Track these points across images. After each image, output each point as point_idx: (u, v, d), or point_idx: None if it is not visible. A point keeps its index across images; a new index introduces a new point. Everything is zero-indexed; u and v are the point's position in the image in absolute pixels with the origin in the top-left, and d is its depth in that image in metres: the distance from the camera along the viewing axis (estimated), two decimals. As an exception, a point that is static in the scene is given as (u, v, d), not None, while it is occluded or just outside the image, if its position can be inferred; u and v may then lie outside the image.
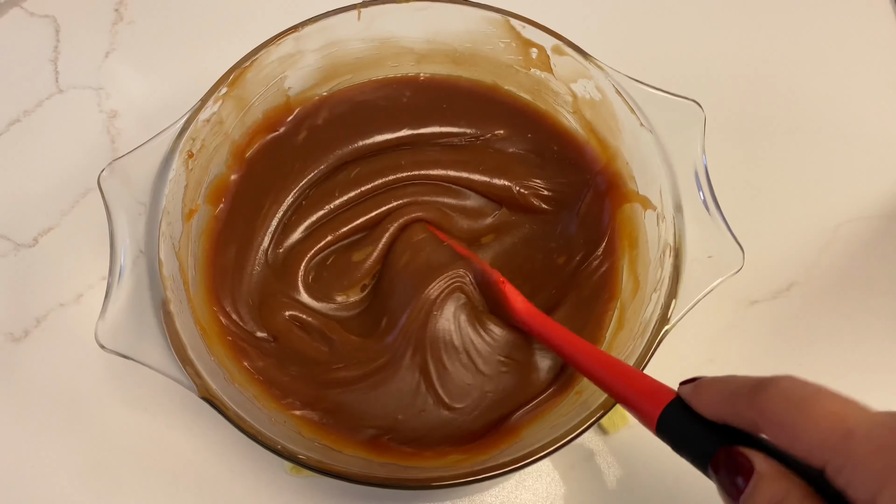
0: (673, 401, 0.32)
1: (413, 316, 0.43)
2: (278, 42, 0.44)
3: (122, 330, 0.38)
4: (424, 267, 0.45)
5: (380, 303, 0.46)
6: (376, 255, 0.47)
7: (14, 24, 0.60)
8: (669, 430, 0.32)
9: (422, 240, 0.46)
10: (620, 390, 0.34)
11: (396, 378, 0.42)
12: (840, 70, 0.59)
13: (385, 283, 0.46)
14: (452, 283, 0.44)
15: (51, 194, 0.53)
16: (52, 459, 0.45)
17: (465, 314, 0.44)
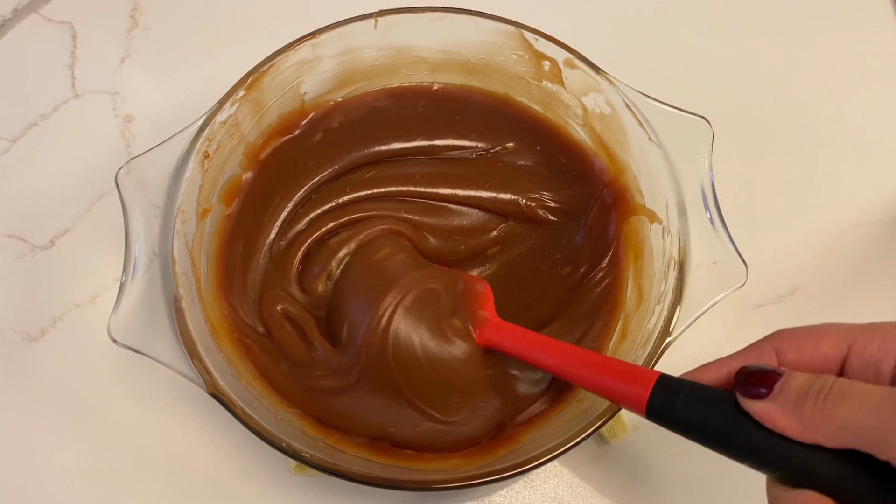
0: (660, 379, 0.34)
1: (370, 334, 0.42)
2: (296, 48, 0.45)
3: (135, 325, 0.39)
4: (390, 272, 0.44)
5: (338, 305, 0.45)
6: (352, 245, 0.46)
7: (32, 31, 0.61)
8: (662, 408, 0.33)
9: (399, 248, 0.46)
10: (602, 383, 0.36)
11: (377, 395, 0.42)
12: (843, 79, 0.60)
13: (347, 281, 0.45)
14: (418, 294, 0.43)
15: (67, 197, 0.54)
16: (65, 456, 0.46)
17: (430, 331, 0.42)
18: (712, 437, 0.32)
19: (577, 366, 0.37)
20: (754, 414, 0.30)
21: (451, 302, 0.43)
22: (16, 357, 0.49)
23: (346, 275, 0.46)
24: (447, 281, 0.44)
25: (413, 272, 0.44)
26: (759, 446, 0.31)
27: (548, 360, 0.39)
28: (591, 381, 0.36)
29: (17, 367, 0.48)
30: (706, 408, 0.32)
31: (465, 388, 0.42)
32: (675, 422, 0.33)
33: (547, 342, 0.40)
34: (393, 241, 0.46)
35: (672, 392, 0.33)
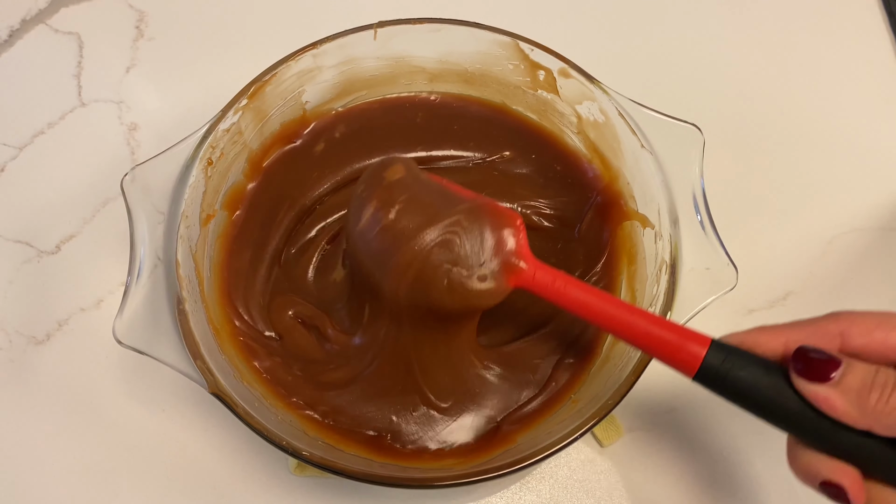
0: (714, 342, 0.34)
1: (392, 301, 0.40)
2: (297, 58, 0.46)
3: (139, 327, 0.40)
4: (407, 230, 0.40)
5: (359, 285, 0.44)
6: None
7: (40, 41, 0.62)
8: (715, 372, 0.34)
9: (400, 181, 0.42)
10: (651, 342, 0.36)
11: (384, 377, 0.43)
12: (833, 86, 0.61)
13: (358, 250, 0.42)
14: (441, 236, 0.39)
15: (73, 203, 0.55)
16: (70, 456, 0.47)
17: (450, 288, 0.39)
18: (759, 406, 0.34)
19: (628, 319, 0.37)
20: (809, 396, 0.32)
21: (474, 250, 0.40)
22: (22, 359, 0.50)
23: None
24: (470, 225, 0.39)
25: (432, 224, 0.39)
26: (807, 424, 0.32)
27: (593, 311, 0.38)
28: (643, 335, 0.36)
29: (23, 370, 0.49)
30: (757, 378, 0.33)
31: (459, 370, 0.43)
32: (724, 388, 0.34)
33: (592, 291, 0.39)
34: (398, 170, 0.42)
35: (726, 357, 0.34)
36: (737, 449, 0.47)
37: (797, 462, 0.34)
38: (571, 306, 0.39)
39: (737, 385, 0.34)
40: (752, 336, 0.35)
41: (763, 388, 0.33)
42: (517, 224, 0.40)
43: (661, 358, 0.36)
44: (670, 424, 0.48)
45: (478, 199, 0.41)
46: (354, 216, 0.41)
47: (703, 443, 0.47)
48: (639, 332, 0.36)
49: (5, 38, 0.62)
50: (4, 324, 0.51)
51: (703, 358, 0.34)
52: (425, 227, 0.39)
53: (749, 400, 0.34)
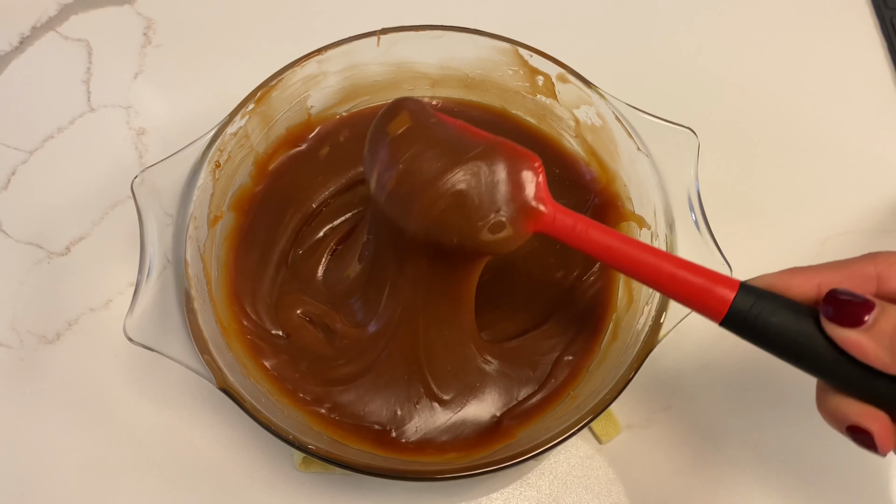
0: (743, 285, 0.33)
1: (401, 276, 0.41)
2: (303, 63, 0.47)
3: (148, 325, 0.41)
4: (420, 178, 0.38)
5: (379, 267, 0.44)
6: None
7: (50, 47, 0.63)
8: (743, 316, 0.33)
9: (406, 133, 0.40)
10: (676, 286, 0.35)
11: (392, 368, 0.44)
12: (827, 90, 0.62)
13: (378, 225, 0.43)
14: (455, 185, 0.37)
15: (82, 206, 0.56)
16: (79, 452, 0.48)
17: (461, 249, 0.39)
18: (788, 352, 0.33)
19: (653, 263, 0.35)
20: (840, 341, 0.31)
21: (491, 195, 0.38)
22: (32, 358, 0.51)
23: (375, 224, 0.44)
24: (486, 169, 0.38)
25: (444, 174, 0.38)
26: (838, 370, 0.32)
27: (615, 255, 0.37)
28: (668, 279, 0.35)
29: (33, 368, 0.50)
30: (788, 324, 0.32)
31: (462, 357, 0.44)
32: (752, 333, 0.33)
33: (614, 235, 0.37)
34: (403, 120, 0.41)
35: (755, 302, 0.33)
36: (733, 445, 0.48)
37: (825, 406, 0.33)
38: (593, 250, 0.37)
39: (766, 330, 0.32)
40: (783, 278, 0.33)
41: (793, 334, 0.32)
42: (535, 166, 0.38)
43: (687, 302, 0.35)
44: (667, 421, 0.49)
45: (494, 141, 0.39)
46: (367, 175, 0.41)
47: (699, 439, 0.48)
48: (664, 275, 0.35)
49: (16, 44, 0.63)
50: (16, 324, 0.52)
51: (732, 302, 0.33)
52: (438, 179, 0.38)
53: (778, 345, 0.33)
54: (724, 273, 0.35)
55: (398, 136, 0.40)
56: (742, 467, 0.48)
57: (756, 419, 0.49)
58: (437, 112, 0.41)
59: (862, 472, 0.47)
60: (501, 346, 0.46)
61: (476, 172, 0.38)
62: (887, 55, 0.63)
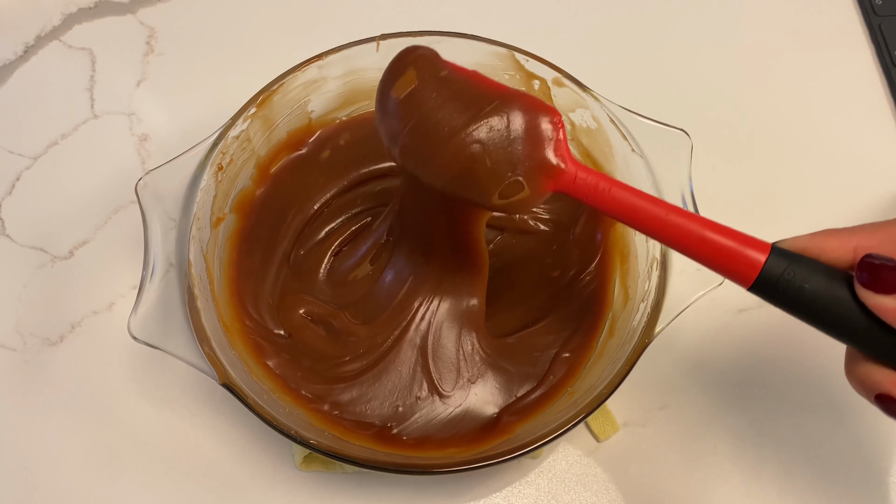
0: (775, 248, 0.32)
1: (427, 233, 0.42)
2: (303, 69, 0.48)
3: (152, 324, 0.41)
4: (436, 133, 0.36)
5: (402, 263, 0.46)
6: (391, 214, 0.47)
7: (54, 56, 0.64)
8: (775, 281, 0.31)
9: (412, 94, 0.37)
10: (703, 248, 0.33)
11: (397, 362, 0.45)
12: (818, 94, 0.63)
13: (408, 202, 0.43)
14: (468, 145, 0.35)
15: (86, 210, 0.57)
16: (82, 453, 0.48)
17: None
18: (820, 319, 0.31)
19: (679, 224, 0.34)
20: (874, 308, 0.29)
21: (507, 153, 0.36)
22: (36, 361, 0.51)
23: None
24: (501, 124, 0.36)
25: (455, 134, 0.36)
26: (872, 338, 0.30)
27: (639, 216, 0.35)
28: (695, 241, 0.33)
29: (37, 370, 0.51)
30: (822, 290, 0.30)
31: (465, 350, 0.45)
32: (784, 299, 0.32)
33: (638, 195, 0.35)
34: (410, 79, 0.38)
35: (788, 266, 0.31)
36: (729, 442, 0.49)
37: (855, 373, 0.32)
38: (616, 211, 0.35)
39: (799, 297, 0.31)
40: (816, 241, 0.32)
41: (828, 301, 0.30)
42: (555, 120, 0.36)
43: (715, 266, 0.33)
44: (664, 419, 0.49)
45: (510, 94, 0.36)
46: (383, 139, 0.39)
47: (696, 436, 0.49)
48: (691, 237, 0.33)
49: (21, 53, 0.64)
50: (20, 326, 0.52)
51: (763, 266, 0.31)
52: (450, 139, 0.35)
53: (810, 312, 0.31)
54: (758, 239, 0.33)
55: (404, 99, 0.37)
56: (738, 465, 0.48)
57: (752, 417, 0.49)
58: (447, 63, 0.38)
59: (858, 470, 0.48)
60: (501, 341, 0.47)
61: (491, 129, 0.35)
62: (876, 59, 0.64)
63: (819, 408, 0.50)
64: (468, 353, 0.46)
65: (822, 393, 0.50)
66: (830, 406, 0.50)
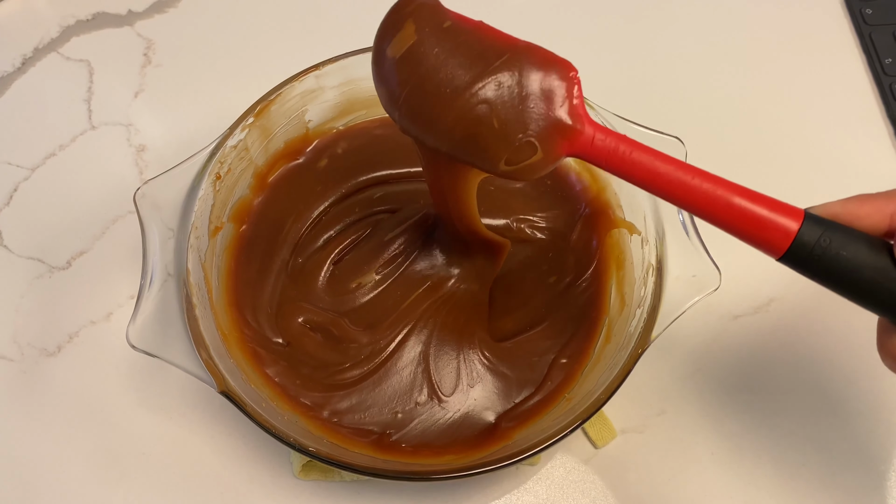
0: (808, 215, 0.30)
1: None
2: (301, 79, 0.49)
3: (151, 332, 0.41)
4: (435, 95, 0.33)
5: (415, 269, 0.47)
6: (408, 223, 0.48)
7: (52, 68, 0.65)
8: (809, 251, 0.29)
9: (410, 52, 0.34)
10: (732, 216, 0.31)
11: (398, 366, 0.46)
12: (810, 101, 0.63)
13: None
14: (474, 106, 0.33)
15: (83, 221, 0.57)
16: (80, 462, 0.48)
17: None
18: (857, 290, 0.30)
19: (706, 190, 0.31)
20: None
21: (517, 112, 0.33)
22: (34, 371, 0.51)
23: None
24: (511, 82, 0.33)
25: (460, 94, 0.33)
26: None
27: (663, 181, 0.32)
28: (723, 208, 0.31)
29: (35, 381, 0.51)
30: (860, 258, 0.29)
31: (466, 353, 0.46)
32: (818, 269, 0.30)
33: (662, 158, 0.32)
34: (408, 34, 0.34)
35: (823, 233, 0.29)
36: (726, 448, 0.49)
37: (889, 347, 0.30)
38: (638, 177, 0.33)
39: (834, 265, 0.29)
40: (850, 207, 0.30)
41: (866, 270, 0.29)
42: (571, 75, 0.33)
43: (744, 235, 0.31)
44: (661, 425, 0.49)
45: (521, 46, 0.33)
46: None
47: (693, 442, 0.49)
48: (717, 204, 0.31)
49: (19, 65, 0.64)
50: (17, 337, 0.52)
51: (796, 233, 0.29)
52: (456, 98, 0.33)
53: (847, 282, 0.30)
54: (790, 206, 0.31)
55: (402, 57, 0.34)
56: (736, 470, 0.48)
57: (749, 423, 0.49)
58: (451, 12, 0.35)
59: (856, 474, 0.48)
60: (501, 345, 0.47)
61: (500, 86, 0.32)
62: (867, 67, 0.65)
63: (816, 413, 0.50)
64: (469, 356, 0.46)
65: (818, 398, 0.50)
66: (827, 411, 0.50)
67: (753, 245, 0.32)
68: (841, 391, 0.50)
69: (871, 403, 0.50)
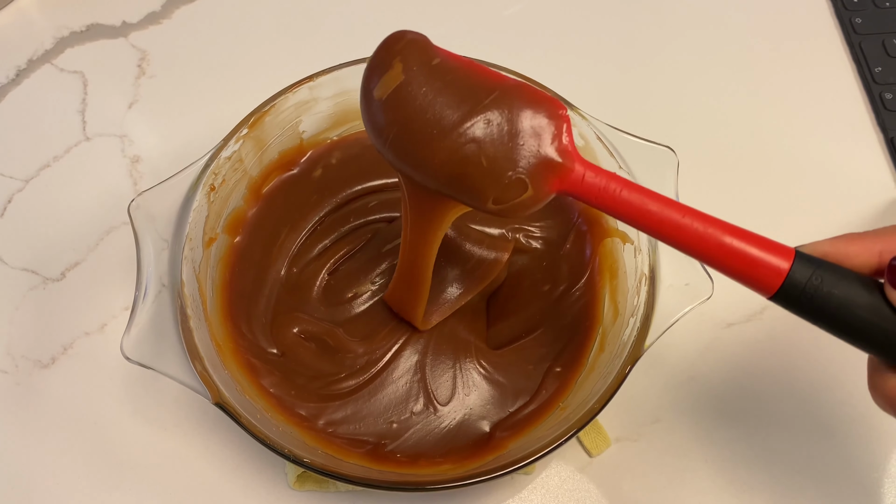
0: (799, 254, 0.30)
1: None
2: (295, 90, 0.49)
3: (145, 344, 0.42)
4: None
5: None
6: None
7: (46, 79, 0.65)
8: (800, 290, 0.29)
9: (397, 92, 0.34)
10: (723, 256, 0.31)
11: (394, 376, 0.46)
12: (801, 110, 0.64)
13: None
14: (462, 145, 0.33)
15: (77, 232, 0.57)
16: (74, 475, 0.48)
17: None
18: (849, 329, 0.30)
19: (696, 230, 0.31)
20: None
21: (506, 150, 0.32)
22: (28, 383, 0.51)
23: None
24: (500, 120, 0.33)
25: (447, 135, 0.33)
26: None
27: (653, 220, 0.32)
28: (714, 248, 0.31)
29: (29, 393, 0.51)
30: (852, 297, 0.29)
31: (462, 361, 0.47)
32: (809, 308, 0.30)
33: (653, 196, 0.32)
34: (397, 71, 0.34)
35: (814, 272, 0.29)
36: (720, 456, 0.49)
37: (881, 388, 0.30)
38: (626, 215, 0.33)
39: (826, 304, 0.29)
40: (838, 246, 0.30)
41: (858, 309, 0.29)
42: (561, 114, 0.33)
43: (735, 274, 0.31)
44: (656, 434, 0.50)
45: (511, 85, 0.33)
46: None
47: (687, 451, 0.49)
48: (708, 243, 0.31)
49: (13, 77, 0.65)
50: (11, 349, 0.52)
51: (788, 272, 0.29)
52: (445, 136, 0.32)
53: (838, 321, 0.30)
54: (781, 245, 0.31)
55: (389, 98, 0.34)
56: (730, 478, 0.48)
57: (743, 431, 0.50)
58: (440, 50, 0.35)
59: (849, 483, 0.48)
60: (496, 354, 0.47)
61: (489, 124, 0.32)
62: (857, 76, 0.65)
63: (809, 421, 0.50)
64: (465, 366, 0.47)
65: (812, 406, 0.50)
66: (821, 419, 0.50)
67: (745, 284, 0.32)
68: (834, 398, 0.51)
69: (864, 411, 0.50)
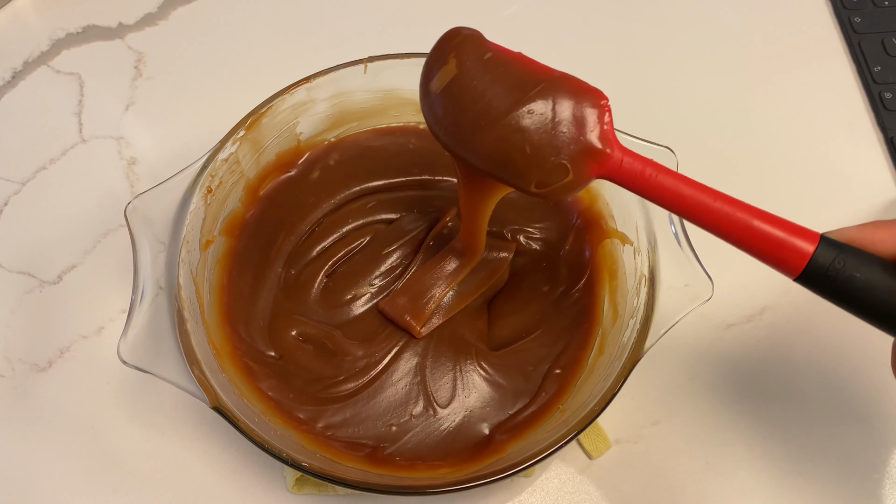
0: (824, 238, 0.32)
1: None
2: (292, 91, 0.49)
3: (142, 347, 0.41)
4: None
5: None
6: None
7: (42, 81, 0.64)
8: (824, 272, 0.31)
9: (452, 84, 0.37)
10: (751, 238, 0.33)
11: (394, 378, 0.46)
12: (800, 111, 0.64)
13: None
14: (510, 131, 0.35)
15: (74, 235, 0.57)
16: (72, 479, 0.48)
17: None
18: (872, 311, 0.31)
19: (726, 213, 0.34)
20: None
21: (551, 136, 0.35)
22: (25, 386, 0.51)
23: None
24: (545, 108, 0.35)
25: (497, 121, 0.36)
26: None
27: (686, 203, 0.35)
28: (742, 230, 0.33)
29: (26, 396, 0.51)
30: (874, 280, 0.31)
31: (463, 364, 0.47)
32: (833, 290, 0.32)
33: (686, 182, 0.35)
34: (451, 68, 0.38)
35: (837, 256, 0.31)
36: (720, 457, 0.49)
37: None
38: (661, 198, 0.35)
39: (849, 287, 0.31)
40: (865, 232, 0.32)
41: (879, 291, 0.30)
42: (602, 103, 0.36)
43: (761, 255, 0.33)
44: (656, 435, 0.49)
45: (556, 76, 0.36)
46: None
47: (687, 453, 0.49)
48: (737, 226, 0.33)
49: (9, 79, 0.64)
50: (7, 352, 0.52)
51: (812, 255, 0.31)
52: (495, 123, 0.35)
53: (860, 303, 0.31)
54: (807, 229, 0.33)
55: (444, 90, 0.37)
56: (731, 479, 0.48)
57: (743, 431, 0.49)
58: (493, 45, 0.38)
59: (850, 483, 0.48)
60: (496, 356, 0.47)
61: (534, 114, 0.35)
62: (856, 75, 0.65)
63: (810, 420, 0.50)
64: (465, 367, 0.46)
65: (812, 405, 0.50)
66: (821, 418, 0.50)
67: (771, 265, 0.33)
68: (835, 398, 0.50)
69: (865, 411, 0.50)
